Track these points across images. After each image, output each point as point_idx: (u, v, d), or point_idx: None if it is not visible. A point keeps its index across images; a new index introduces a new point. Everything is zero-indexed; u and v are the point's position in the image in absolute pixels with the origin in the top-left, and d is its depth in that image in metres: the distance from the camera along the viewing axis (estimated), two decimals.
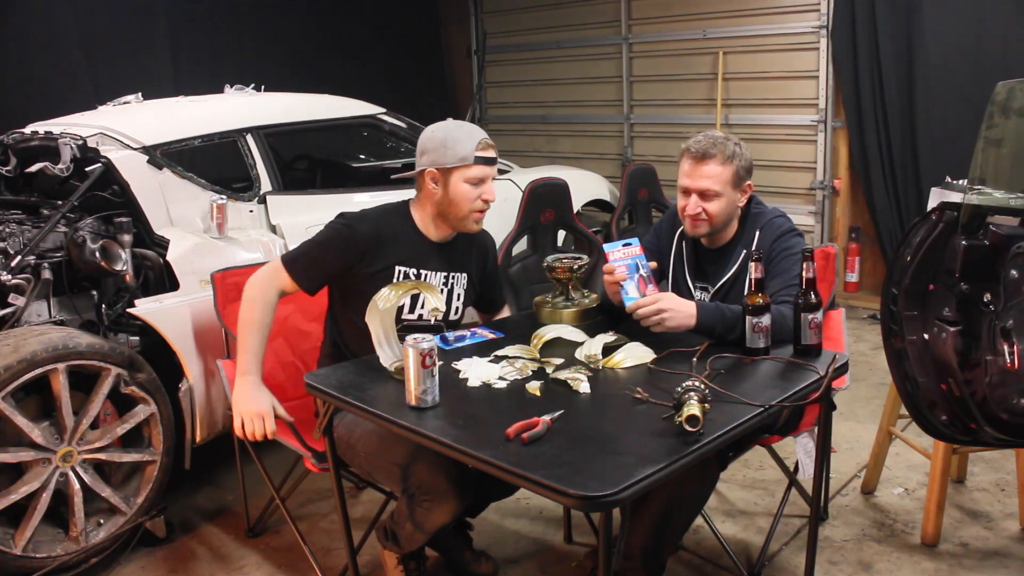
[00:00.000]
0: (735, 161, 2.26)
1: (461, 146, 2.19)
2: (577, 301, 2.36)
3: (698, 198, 2.27)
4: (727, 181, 2.26)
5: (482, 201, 2.23)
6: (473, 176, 2.20)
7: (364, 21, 6.56)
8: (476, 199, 2.22)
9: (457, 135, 2.20)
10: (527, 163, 5.14)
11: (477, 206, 2.23)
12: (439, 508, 1.99)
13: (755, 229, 2.32)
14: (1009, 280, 1.90)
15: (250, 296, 2.23)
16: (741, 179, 2.28)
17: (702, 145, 2.26)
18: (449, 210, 2.24)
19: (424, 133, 2.27)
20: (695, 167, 2.27)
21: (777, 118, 5.32)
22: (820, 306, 1.99)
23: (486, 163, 2.21)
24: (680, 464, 1.54)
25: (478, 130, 2.25)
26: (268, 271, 2.25)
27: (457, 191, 2.21)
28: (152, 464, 2.61)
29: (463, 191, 2.21)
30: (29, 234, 2.67)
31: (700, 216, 2.28)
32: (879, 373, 3.91)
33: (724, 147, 2.26)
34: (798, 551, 2.53)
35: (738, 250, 2.32)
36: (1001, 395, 1.92)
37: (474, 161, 2.19)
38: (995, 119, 2.00)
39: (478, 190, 2.22)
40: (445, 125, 2.27)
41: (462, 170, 2.19)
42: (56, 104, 3.84)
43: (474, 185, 2.21)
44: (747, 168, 2.30)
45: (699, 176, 2.26)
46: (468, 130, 2.23)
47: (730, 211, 2.30)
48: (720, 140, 2.28)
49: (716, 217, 2.28)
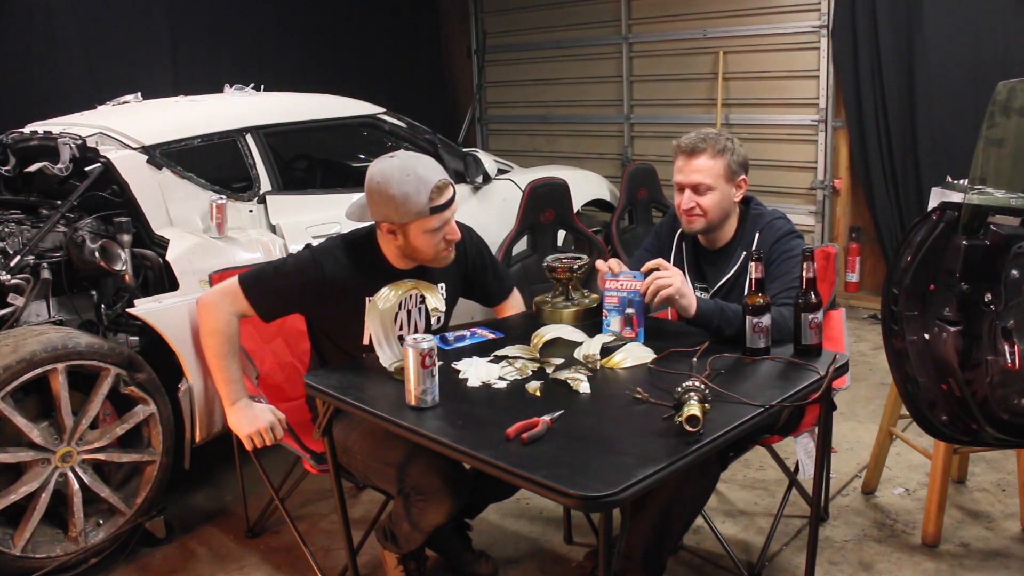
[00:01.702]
0: (726, 155, 2.28)
1: (413, 202, 2.05)
2: (577, 301, 2.36)
3: (691, 192, 2.30)
4: (719, 174, 2.28)
5: (446, 241, 2.15)
6: (432, 227, 2.09)
7: (364, 21, 6.56)
8: (439, 242, 2.14)
9: (407, 190, 2.04)
10: (527, 163, 5.14)
11: (442, 247, 2.16)
12: (434, 508, 1.99)
13: (755, 230, 2.32)
14: (1010, 280, 1.90)
15: (213, 328, 2.18)
16: (734, 173, 2.29)
17: (692, 140, 2.30)
18: (415, 254, 2.18)
19: (370, 182, 2.09)
20: (687, 162, 2.30)
21: (777, 118, 5.31)
22: (820, 306, 2.00)
23: (444, 209, 2.09)
24: (680, 464, 1.54)
25: (427, 173, 2.07)
26: (223, 294, 2.19)
27: (418, 241, 2.12)
28: (151, 464, 2.60)
29: (424, 240, 2.12)
30: (28, 234, 2.67)
31: (695, 211, 2.30)
32: (880, 373, 3.91)
33: (715, 142, 2.28)
34: (798, 551, 2.52)
35: (738, 251, 2.33)
36: (1002, 395, 1.92)
37: (430, 213, 2.07)
38: (996, 119, 2.00)
39: (440, 234, 2.13)
40: (391, 177, 2.06)
41: (419, 224, 2.08)
42: (55, 104, 3.84)
43: (434, 233, 2.11)
44: (740, 163, 2.30)
45: (691, 170, 2.29)
46: (416, 179, 2.05)
47: (725, 205, 2.31)
48: (711, 135, 2.30)
49: (710, 211, 2.29)
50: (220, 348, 2.20)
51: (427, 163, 2.13)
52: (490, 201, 3.94)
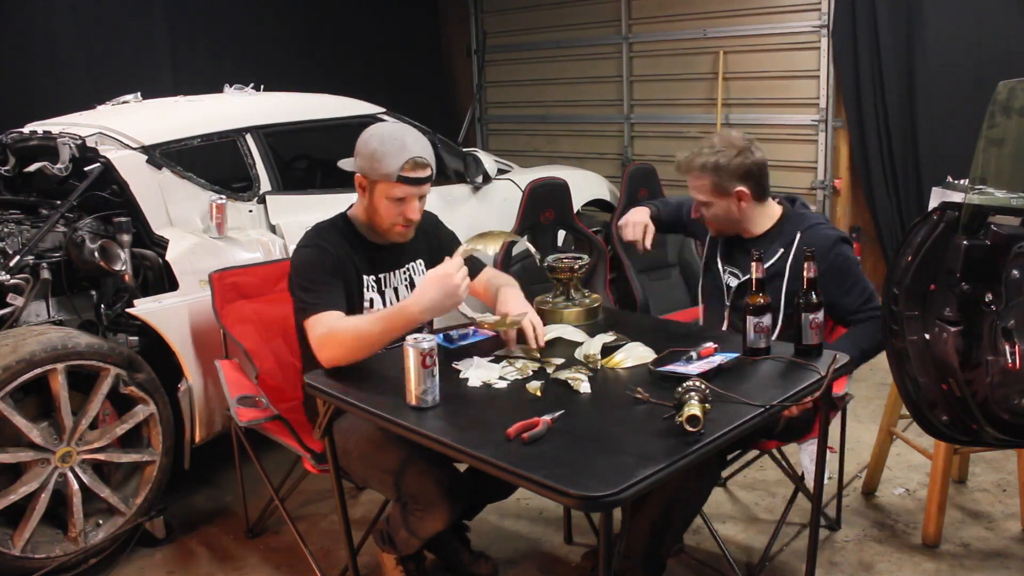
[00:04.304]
0: (709, 173, 2.30)
1: (387, 163, 2.10)
2: (578, 301, 2.36)
3: (698, 203, 2.39)
4: (709, 191, 2.32)
5: (404, 218, 2.18)
6: (394, 195, 2.13)
7: (364, 21, 6.55)
8: (397, 215, 2.17)
9: (387, 149, 2.11)
10: (527, 163, 5.13)
11: (399, 221, 2.18)
12: (431, 517, 2.00)
13: (796, 231, 2.33)
14: (1010, 280, 1.90)
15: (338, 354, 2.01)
16: (725, 188, 2.31)
17: (682, 158, 2.36)
18: (373, 218, 2.21)
19: (364, 133, 2.19)
20: (686, 177, 2.38)
21: (777, 118, 5.31)
22: (822, 306, 2.00)
23: (410, 183, 2.12)
24: (680, 464, 1.54)
25: (414, 146, 2.13)
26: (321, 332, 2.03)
27: (379, 204, 2.17)
28: (151, 464, 2.60)
29: (384, 205, 2.16)
30: (28, 234, 2.67)
31: (704, 218, 2.39)
32: (880, 373, 3.91)
33: (699, 159, 2.31)
34: (799, 552, 2.52)
35: (775, 247, 2.33)
36: (1002, 395, 1.92)
37: (397, 180, 2.11)
38: (996, 119, 2.00)
39: (399, 207, 2.15)
40: (383, 133, 2.17)
41: (385, 186, 2.13)
42: (55, 104, 3.83)
43: (396, 202, 2.14)
44: (735, 175, 2.29)
45: (689, 186, 2.38)
46: (400, 145, 2.11)
47: (730, 216, 2.35)
48: (698, 152, 2.32)
49: (715, 223, 2.38)
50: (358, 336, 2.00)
51: (418, 139, 2.17)
52: (490, 201, 3.94)
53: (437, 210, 3.67)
